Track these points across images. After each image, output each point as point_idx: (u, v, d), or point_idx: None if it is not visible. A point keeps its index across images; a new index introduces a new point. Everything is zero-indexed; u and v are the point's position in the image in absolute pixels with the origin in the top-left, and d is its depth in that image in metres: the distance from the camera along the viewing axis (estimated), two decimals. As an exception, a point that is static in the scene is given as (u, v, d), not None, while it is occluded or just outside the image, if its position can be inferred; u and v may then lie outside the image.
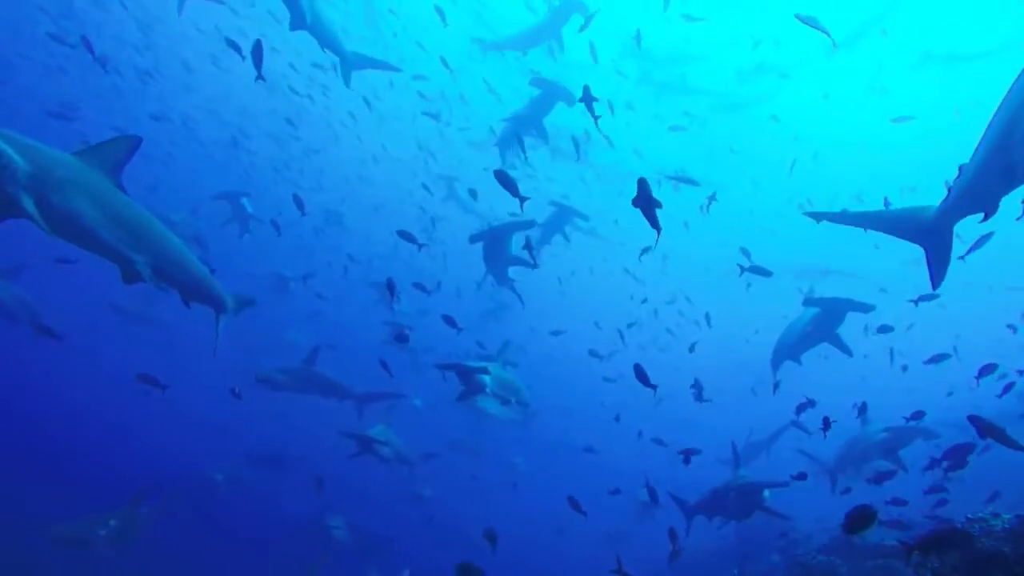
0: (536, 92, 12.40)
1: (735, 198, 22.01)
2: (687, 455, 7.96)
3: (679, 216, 18.48)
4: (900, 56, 20.05)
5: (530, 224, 9.52)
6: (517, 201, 6.20)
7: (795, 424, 10.95)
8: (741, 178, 24.51)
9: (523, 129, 12.51)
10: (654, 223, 4.97)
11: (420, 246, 8.96)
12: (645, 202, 4.78)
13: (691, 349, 11.26)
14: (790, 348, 11.08)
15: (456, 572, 5.39)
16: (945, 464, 7.60)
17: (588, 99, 6.82)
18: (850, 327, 10.25)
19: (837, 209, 10.77)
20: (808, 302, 10.16)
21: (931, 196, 6.45)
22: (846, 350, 10.26)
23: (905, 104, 19.35)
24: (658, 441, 12.76)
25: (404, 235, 8.99)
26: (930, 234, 6.26)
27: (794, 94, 21.98)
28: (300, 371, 11.64)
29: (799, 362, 11.18)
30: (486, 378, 9.05)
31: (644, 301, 18.15)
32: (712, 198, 11.49)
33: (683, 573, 13.86)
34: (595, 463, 23.23)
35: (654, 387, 6.02)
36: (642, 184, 4.80)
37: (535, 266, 9.67)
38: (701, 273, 28.13)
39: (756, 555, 12.56)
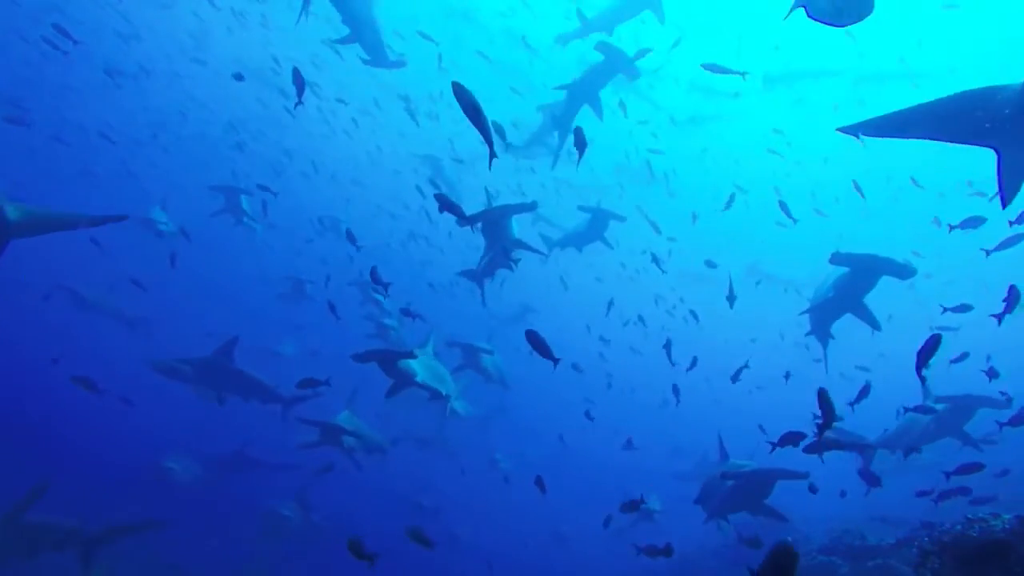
0: (598, 59, 11.31)
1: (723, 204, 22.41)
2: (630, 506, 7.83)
3: (664, 232, 18.61)
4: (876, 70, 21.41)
5: (532, 206, 8.60)
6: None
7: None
8: (731, 184, 24.80)
9: (580, 100, 11.69)
10: (486, 134, 4.38)
11: (358, 248, 9.03)
12: (471, 110, 4.21)
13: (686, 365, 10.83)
14: (813, 317, 9.58)
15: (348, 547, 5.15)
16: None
17: (581, 144, 6.26)
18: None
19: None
20: (836, 259, 8.43)
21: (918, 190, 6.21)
22: (874, 323, 8.73)
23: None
24: (628, 444, 12.68)
25: (348, 236, 9.12)
26: (1006, 127, 4.83)
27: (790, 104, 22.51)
28: (208, 363, 10.37)
29: (829, 335, 9.69)
30: (413, 363, 8.50)
31: (654, 338, 17.67)
32: (731, 198, 11.37)
33: (681, 574, 13.79)
34: (592, 462, 23.18)
35: (556, 360, 5.56)
36: (459, 91, 4.20)
37: (544, 253, 9.32)
38: (697, 279, 28.16)
39: (755, 556, 12.45)
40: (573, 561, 19.73)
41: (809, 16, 4.89)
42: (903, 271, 7.96)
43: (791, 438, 6.51)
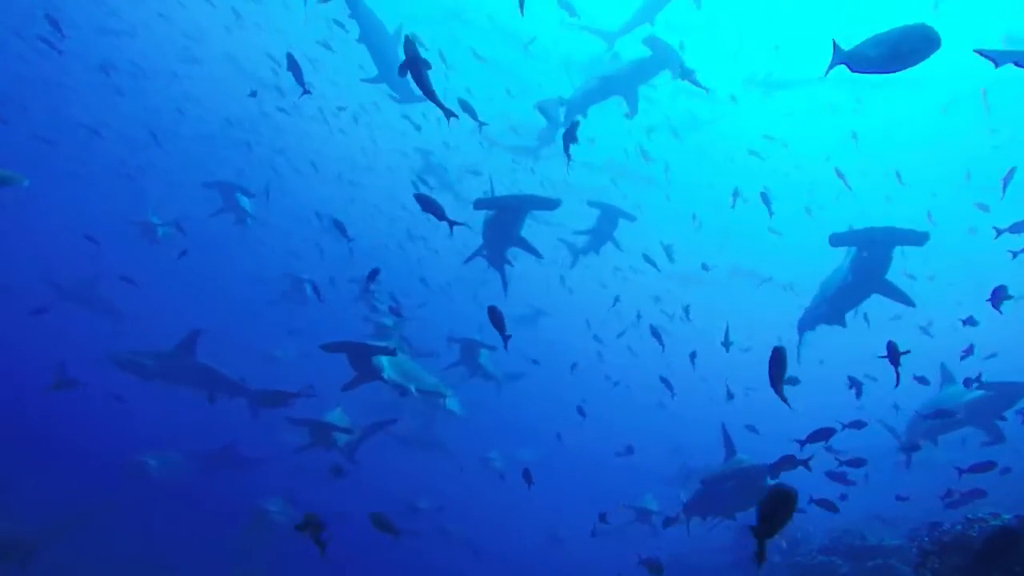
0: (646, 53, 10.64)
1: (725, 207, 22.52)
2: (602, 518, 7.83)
3: (662, 233, 18.70)
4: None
5: (556, 203, 7.73)
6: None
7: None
8: (728, 185, 24.88)
9: (611, 92, 11.19)
10: (430, 94, 4.19)
11: (349, 240, 8.99)
12: (415, 68, 4.02)
13: (691, 357, 10.89)
14: (829, 305, 8.86)
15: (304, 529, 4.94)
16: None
17: (569, 136, 6.07)
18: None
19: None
20: (836, 240, 7.74)
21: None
22: (905, 300, 7.98)
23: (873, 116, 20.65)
24: (628, 450, 12.71)
25: (338, 226, 9.11)
26: None
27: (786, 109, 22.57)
28: (173, 357, 9.98)
29: (843, 324, 9.00)
30: (383, 359, 8.13)
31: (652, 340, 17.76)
32: (736, 195, 11.22)
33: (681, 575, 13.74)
34: (590, 462, 23.13)
35: (508, 336, 5.49)
36: (409, 45, 4.08)
37: (540, 255, 8.66)
38: (694, 280, 28.22)
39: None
40: (569, 561, 19.71)
41: (853, 70, 4.45)
42: (916, 237, 7.21)
43: (822, 435, 6.81)
